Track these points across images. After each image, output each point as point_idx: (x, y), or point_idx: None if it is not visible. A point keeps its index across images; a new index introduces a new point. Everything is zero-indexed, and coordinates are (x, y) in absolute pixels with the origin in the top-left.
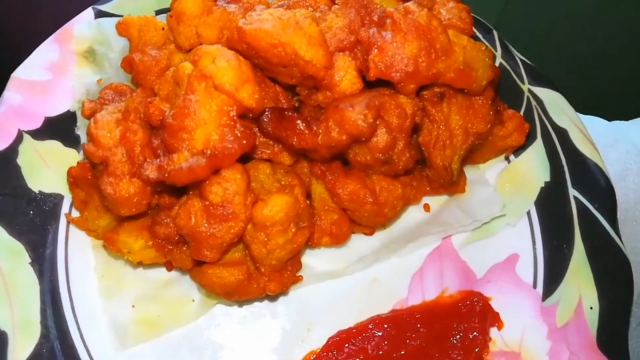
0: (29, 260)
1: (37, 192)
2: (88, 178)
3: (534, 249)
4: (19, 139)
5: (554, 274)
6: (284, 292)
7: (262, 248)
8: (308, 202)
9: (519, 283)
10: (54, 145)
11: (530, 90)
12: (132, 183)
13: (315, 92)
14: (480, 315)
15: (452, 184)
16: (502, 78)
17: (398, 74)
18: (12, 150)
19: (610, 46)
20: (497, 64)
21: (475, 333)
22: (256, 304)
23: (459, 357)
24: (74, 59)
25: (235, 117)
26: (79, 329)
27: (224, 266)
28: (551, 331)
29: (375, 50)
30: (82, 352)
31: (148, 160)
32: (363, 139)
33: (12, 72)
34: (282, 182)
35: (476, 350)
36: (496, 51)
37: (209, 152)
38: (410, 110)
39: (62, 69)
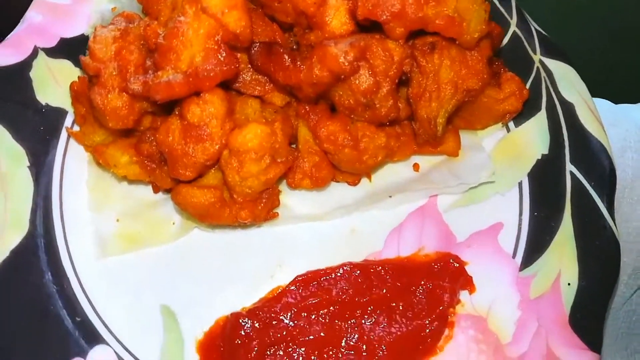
0: (28, 164)
1: (44, 104)
2: (87, 93)
3: (520, 219)
4: (34, 54)
5: (535, 245)
6: (256, 223)
7: (235, 174)
8: (294, 145)
9: (498, 251)
10: (65, 64)
11: (541, 61)
12: (120, 97)
13: (309, 32)
14: (452, 275)
15: (437, 140)
16: (514, 47)
17: (385, 13)
18: (27, 64)
19: (626, 30)
20: (510, 32)
21: (443, 292)
22: (232, 234)
23: (422, 312)
24: None
25: (220, 42)
26: (64, 233)
27: (199, 187)
28: (523, 301)
29: None
30: (64, 253)
31: (136, 75)
32: (343, 76)
33: None
34: (269, 120)
35: (440, 308)
36: (511, 19)
37: (189, 71)
38: (397, 57)
39: None
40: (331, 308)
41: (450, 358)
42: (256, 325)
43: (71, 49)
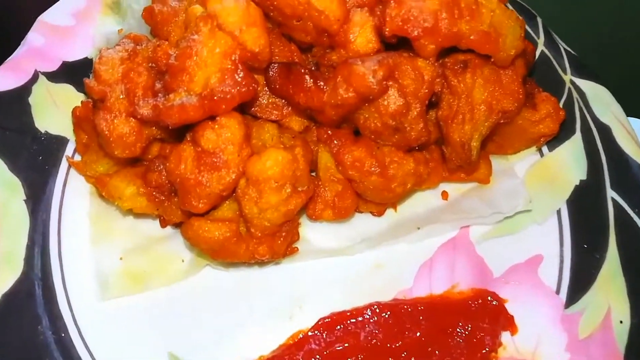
0: (24, 197)
1: (43, 132)
2: (90, 119)
3: (561, 251)
4: (34, 78)
5: (581, 280)
6: (274, 260)
7: (253, 206)
8: (313, 173)
9: (540, 286)
10: (67, 89)
11: (572, 82)
12: (128, 122)
13: (330, 52)
14: (492, 315)
15: (471, 166)
16: (543, 68)
17: (415, 29)
18: (26, 88)
19: None
20: (538, 53)
21: (483, 334)
22: (246, 272)
23: (461, 357)
24: (99, 7)
25: (237, 62)
26: (62, 271)
27: (212, 221)
28: (571, 342)
29: (393, 3)
30: (61, 296)
31: (145, 98)
32: (371, 97)
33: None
34: (287, 145)
35: (482, 352)
36: (539, 39)
37: (204, 93)
38: (428, 76)
39: (86, 17)
40: (360, 355)
41: None
42: None
43: (74, 73)
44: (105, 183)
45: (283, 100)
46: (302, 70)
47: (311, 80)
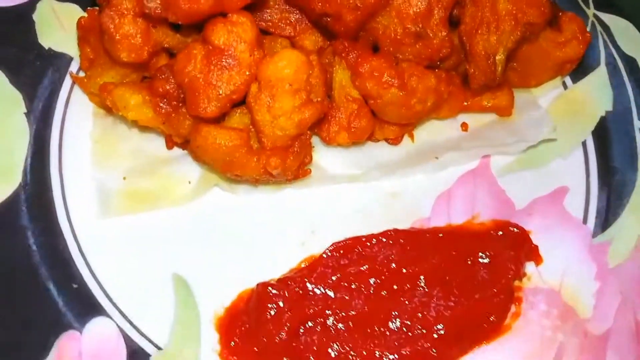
0: (25, 110)
1: (47, 49)
2: (96, 29)
3: (588, 182)
4: None
5: (609, 210)
6: (286, 177)
7: (266, 112)
8: (328, 97)
9: (566, 218)
10: (73, 9)
11: (595, 16)
12: (135, 22)
13: None
14: (516, 244)
15: (495, 83)
16: (565, 1)
17: None
18: (30, 5)
19: None
20: None
21: (507, 262)
22: (257, 194)
23: (484, 284)
24: None
25: None
26: (62, 187)
27: (222, 127)
28: (601, 271)
29: None
30: (61, 210)
31: None
32: None
33: None
34: None
35: (505, 279)
36: None
37: None
38: None
39: None
40: (376, 279)
41: (521, 337)
42: (288, 296)
43: None
44: (111, 91)
45: (296, 16)
46: None
47: None
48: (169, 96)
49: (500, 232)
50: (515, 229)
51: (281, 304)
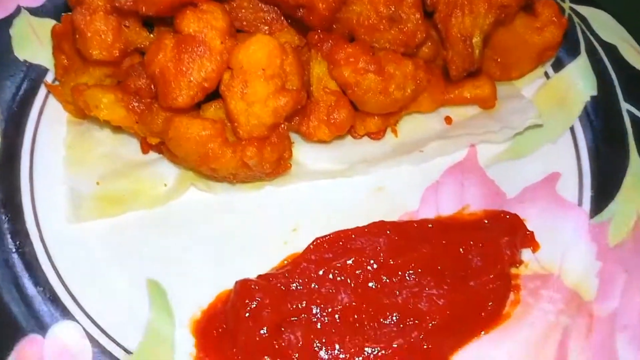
0: None
1: (22, 61)
2: (70, 34)
3: (579, 165)
4: (16, 12)
5: (604, 190)
6: (264, 170)
7: (239, 100)
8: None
9: (560, 202)
10: (50, 23)
11: (572, 9)
12: (106, 19)
13: None
14: (510, 230)
15: (474, 67)
16: None
17: None
18: (7, 21)
19: None
20: None
21: (501, 248)
22: (235, 194)
23: (477, 271)
24: None
25: None
26: (31, 192)
27: (196, 118)
28: (602, 251)
29: None
30: (29, 216)
31: None
32: None
33: None
34: None
35: (501, 265)
36: None
37: None
38: None
39: None
40: (363, 271)
41: (523, 325)
42: (269, 292)
43: (57, 8)
44: (83, 91)
45: (271, 15)
46: None
47: None
48: (142, 92)
49: (493, 220)
50: (508, 216)
51: (262, 300)
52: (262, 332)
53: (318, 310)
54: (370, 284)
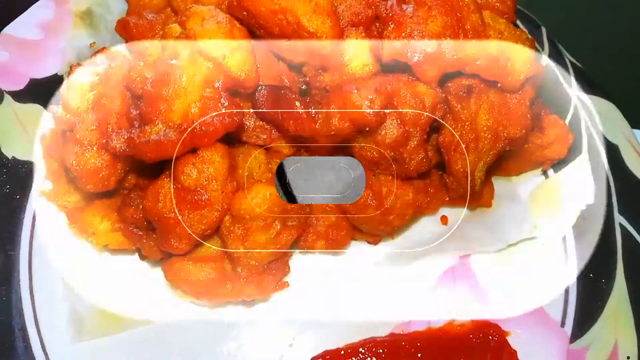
0: None
1: (10, 158)
2: (60, 148)
3: (566, 285)
4: None
5: (587, 312)
6: (263, 299)
7: (239, 245)
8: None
9: (544, 319)
10: (36, 110)
11: (579, 98)
12: (100, 155)
13: (323, 73)
14: (494, 351)
15: (474, 197)
16: (548, 81)
17: (416, 55)
18: None
19: None
20: (543, 64)
21: None
22: (232, 308)
23: None
24: (69, 19)
25: (220, 90)
26: (34, 311)
27: (195, 261)
28: None
29: (392, 25)
30: (34, 338)
31: (118, 130)
32: (367, 129)
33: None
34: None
35: None
36: (543, 50)
37: (185, 126)
38: (429, 102)
39: (56, 29)
40: None
41: None
42: None
43: (43, 91)
44: (77, 218)
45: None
46: (292, 96)
47: (302, 106)
48: (139, 222)
49: (480, 336)
50: (495, 336)
51: None
52: None
53: None
54: None
